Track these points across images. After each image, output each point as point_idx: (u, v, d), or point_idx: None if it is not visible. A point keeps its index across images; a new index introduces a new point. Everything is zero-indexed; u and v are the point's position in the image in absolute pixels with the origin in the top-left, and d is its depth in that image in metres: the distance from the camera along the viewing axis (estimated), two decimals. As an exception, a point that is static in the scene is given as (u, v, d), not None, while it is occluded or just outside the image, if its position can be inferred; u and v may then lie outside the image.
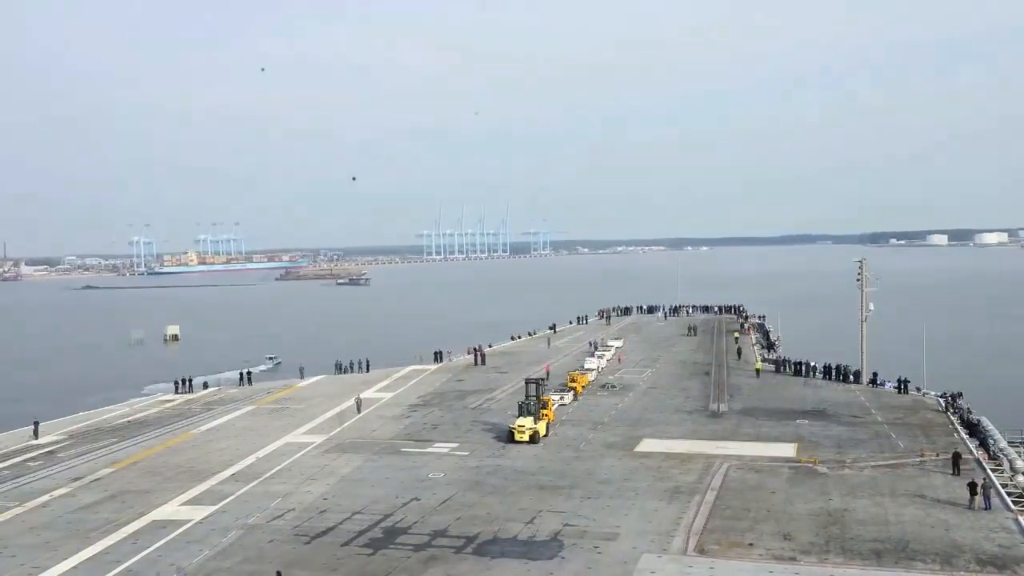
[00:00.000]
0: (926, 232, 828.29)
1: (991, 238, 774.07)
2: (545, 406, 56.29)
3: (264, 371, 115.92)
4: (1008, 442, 48.88)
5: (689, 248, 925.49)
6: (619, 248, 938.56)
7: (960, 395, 60.00)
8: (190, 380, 78.12)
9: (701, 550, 33.95)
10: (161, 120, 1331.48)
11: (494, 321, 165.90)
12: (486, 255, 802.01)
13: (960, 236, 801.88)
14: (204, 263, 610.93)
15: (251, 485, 44.72)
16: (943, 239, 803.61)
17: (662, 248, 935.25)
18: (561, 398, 64.65)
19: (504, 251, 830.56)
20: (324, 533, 36.92)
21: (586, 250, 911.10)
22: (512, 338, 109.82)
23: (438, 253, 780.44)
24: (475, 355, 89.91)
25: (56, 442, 56.50)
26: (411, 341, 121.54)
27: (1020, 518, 36.64)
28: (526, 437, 52.49)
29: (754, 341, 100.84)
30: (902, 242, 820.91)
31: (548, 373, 75.12)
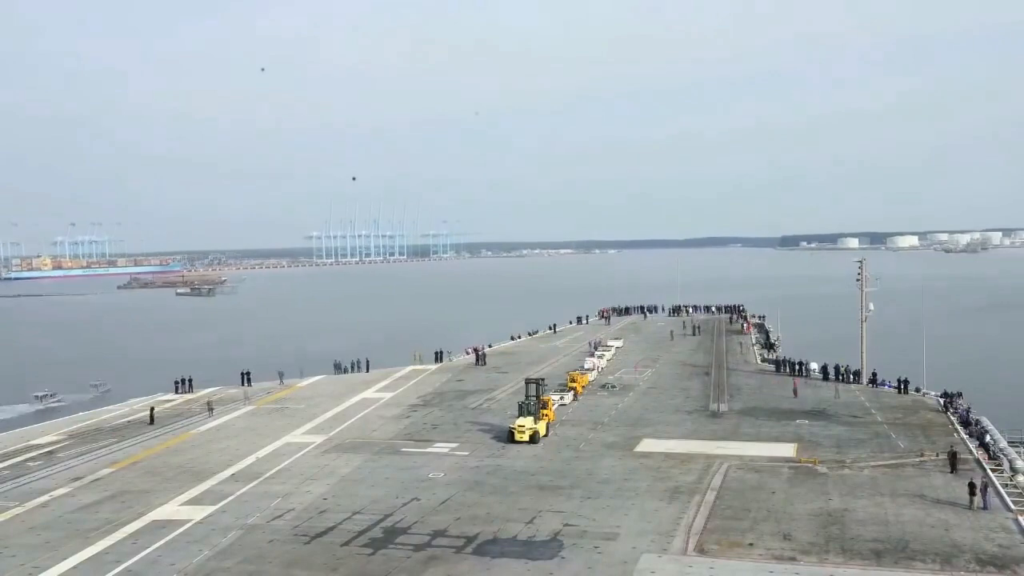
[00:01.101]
0: (838, 235, 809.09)
1: (904, 241, 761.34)
2: (545, 406, 56.31)
3: (87, 399, 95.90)
4: (1008, 442, 48.92)
5: (597, 251, 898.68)
6: (525, 251, 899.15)
7: (960, 395, 60.02)
8: (190, 380, 78.06)
9: (701, 550, 33.95)
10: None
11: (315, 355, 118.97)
12: (382, 259, 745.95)
13: (873, 240, 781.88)
14: (60, 268, 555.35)
15: (251, 485, 44.73)
16: (855, 242, 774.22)
17: (570, 251, 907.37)
18: (561, 398, 64.64)
19: (402, 254, 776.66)
20: (324, 533, 36.92)
21: (490, 253, 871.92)
22: (512, 338, 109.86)
23: (329, 256, 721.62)
24: (475, 355, 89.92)
25: (56, 442, 56.49)
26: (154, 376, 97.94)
27: (1020, 518, 36.65)
28: (526, 437, 52.49)
29: (754, 341, 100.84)
30: (814, 245, 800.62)
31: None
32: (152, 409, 65.15)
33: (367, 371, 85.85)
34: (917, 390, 67.26)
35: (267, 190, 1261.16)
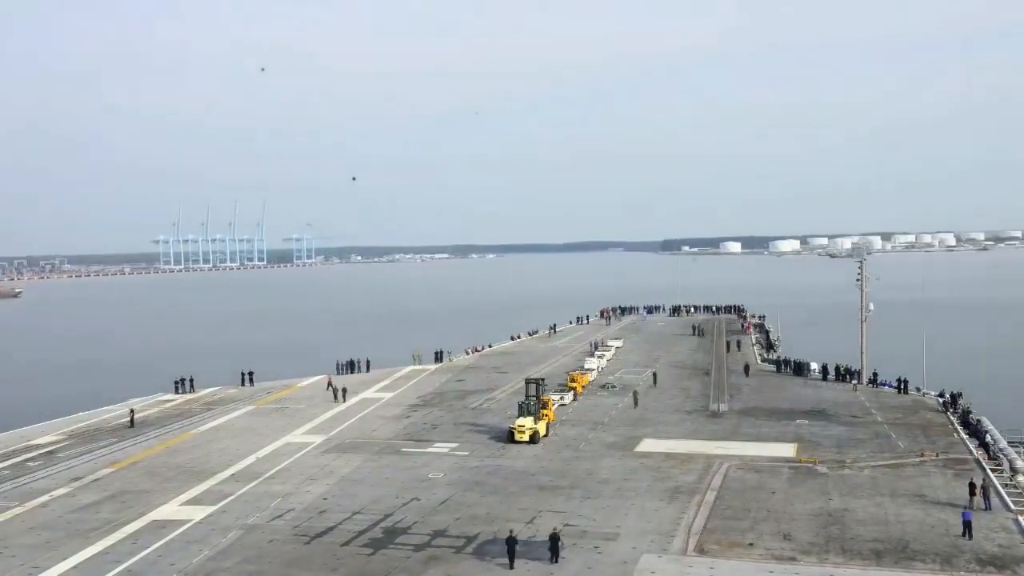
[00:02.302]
0: (720, 239, 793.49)
1: (785, 246, 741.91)
2: (545, 406, 56.31)
3: None
4: (1008, 442, 48.91)
5: (475, 256, 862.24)
6: (399, 256, 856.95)
7: (960, 395, 60.03)
8: (191, 380, 78.04)
9: (701, 550, 33.94)
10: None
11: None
12: (238, 265, 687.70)
13: (754, 244, 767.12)
14: None
15: (251, 485, 44.72)
16: (737, 247, 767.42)
17: (446, 256, 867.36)
18: (561, 398, 64.63)
19: (261, 260, 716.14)
20: (324, 533, 36.91)
21: (360, 258, 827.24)
22: (512, 338, 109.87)
23: (179, 262, 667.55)
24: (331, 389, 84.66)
25: (56, 442, 56.48)
26: None
27: (1020, 518, 36.65)
28: (526, 437, 52.48)
29: (754, 341, 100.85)
30: (695, 250, 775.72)
31: None
32: (132, 412, 63.01)
33: (367, 371, 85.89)
34: (917, 390, 67.29)
35: (115, 190, 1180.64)
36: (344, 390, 68.70)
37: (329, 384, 71.96)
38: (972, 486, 38.79)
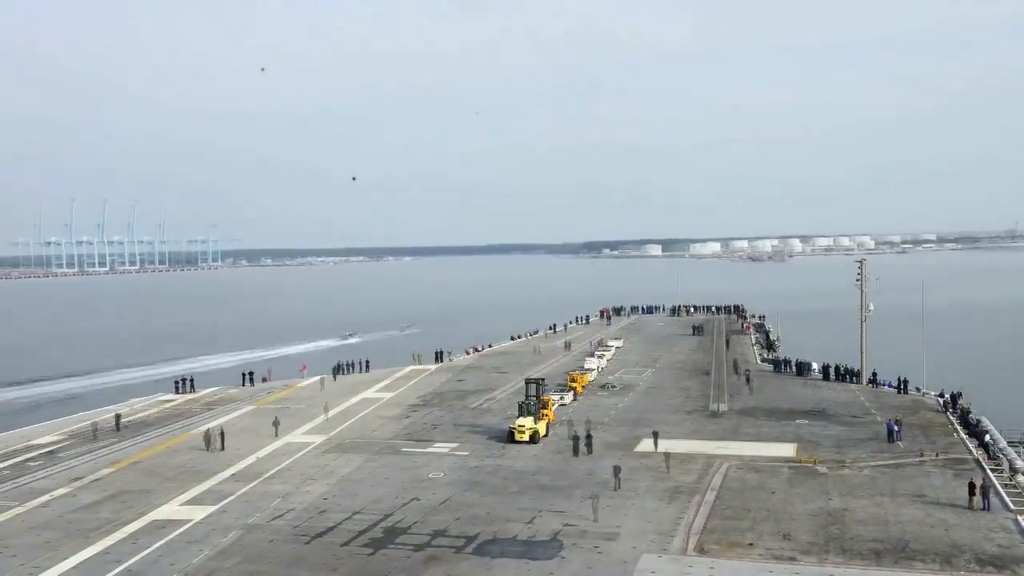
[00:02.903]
0: (640, 242, 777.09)
1: (706, 249, 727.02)
2: (545, 406, 56.32)
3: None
4: (1008, 442, 48.96)
5: (391, 258, 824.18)
6: (312, 259, 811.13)
7: (960, 395, 60.05)
8: (191, 380, 78.09)
9: (701, 550, 33.96)
10: None
11: None
12: (137, 268, 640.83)
13: (674, 246, 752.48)
14: None
15: (251, 485, 44.73)
16: (657, 249, 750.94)
17: (361, 259, 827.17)
18: (561, 398, 64.64)
19: (162, 263, 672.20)
20: (324, 533, 36.92)
21: (271, 261, 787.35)
22: (512, 338, 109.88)
23: (72, 265, 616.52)
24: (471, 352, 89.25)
25: (56, 442, 56.48)
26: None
27: (1020, 518, 36.65)
28: (526, 437, 52.50)
29: (753, 341, 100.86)
30: (616, 252, 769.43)
31: None
32: (118, 417, 61.17)
33: (367, 371, 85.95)
34: (917, 390, 67.30)
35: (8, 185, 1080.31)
36: (222, 436, 53.88)
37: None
38: (972, 486, 38.82)
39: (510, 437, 52.93)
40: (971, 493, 38.50)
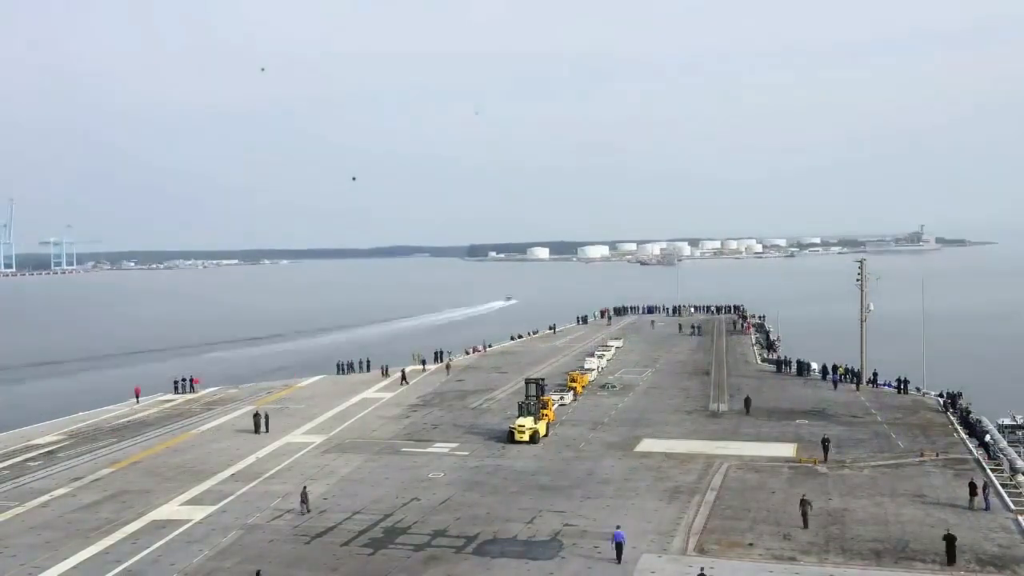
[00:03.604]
0: (527, 245, 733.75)
1: (594, 252, 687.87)
2: (545, 406, 56.31)
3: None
4: (999, 425, 48.93)
5: (267, 262, 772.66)
6: (178, 262, 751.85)
7: (960, 395, 60.05)
8: (191, 380, 78.03)
9: (701, 550, 33.96)
10: None
11: None
12: None
13: (562, 249, 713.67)
14: None
15: (251, 485, 44.73)
16: (544, 252, 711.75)
17: (236, 262, 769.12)
18: (561, 398, 64.62)
19: (8, 266, 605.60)
20: (324, 533, 36.92)
21: (134, 264, 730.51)
22: (512, 338, 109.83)
23: None
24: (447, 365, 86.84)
25: (56, 442, 56.47)
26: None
27: (1020, 518, 36.65)
28: (526, 437, 52.48)
29: (753, 341, 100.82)
30: (502, 255, 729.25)
31: None
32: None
33: (367, 371, 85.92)
34: (917, 390, 67.28)
35: None
36: (267, 418, 58.72)
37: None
38: (972, 486, 38.80)
39: (510, 437, 52.91)
40: (972, 493, 38.48)
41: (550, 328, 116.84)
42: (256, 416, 58.70)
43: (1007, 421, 54.84)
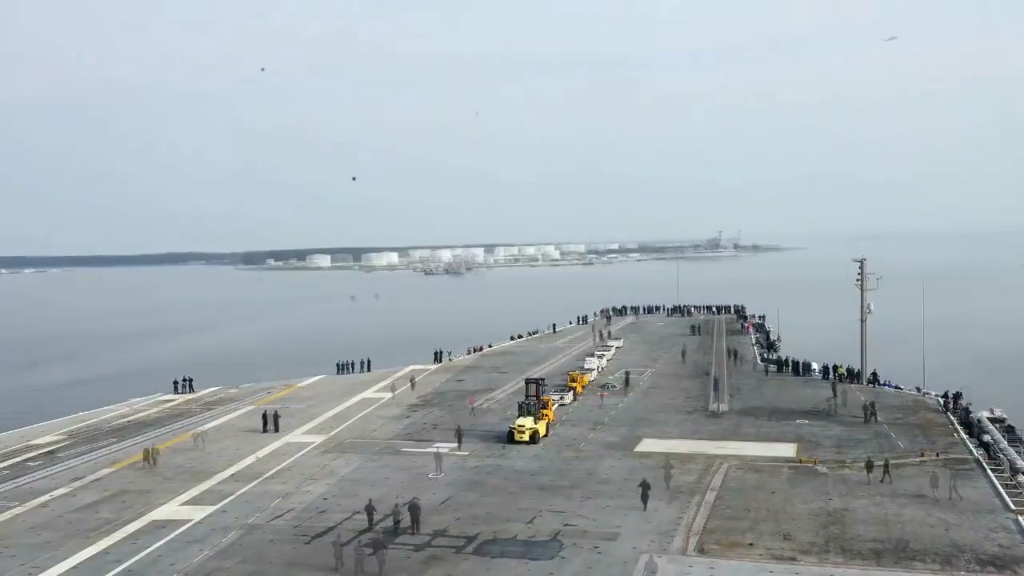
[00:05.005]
0: (308, 251, 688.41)
1: (382, 259, 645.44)
2: (545, 406, 56.29)
3: None
4: (988, 417, 49.07)
5: (29, 271, 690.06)
6: None
7: (960, 395, 60.03)
8: (191, 380, 78.06)
9: (701, 550, 33.96)
10: None
11: None
12: None
13: (348, 256, 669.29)
14: None
15: (251, 485, 44.72)
16: (326, 260, 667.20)
17: None
18: (561, 398, 64.60)
19: None
20: (324, 533, 36.90)
21: None
22: (512, 338, 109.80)
23: None
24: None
25: (56, 442, 56.47)
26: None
27: (1020, 518, 36.64)
28: (526, 437, 52.47)
29: (754, 341, 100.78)
30: (280, 263, 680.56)
31: (473, 407, 63.31)
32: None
33: (367, 371, 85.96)
34: (918, 390, 67.29)
35: None
36: (275, 417, 58.79)
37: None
38: (869, 464, 42.81)
39: (510, 437, 52.90)
40: (868, 470, 42.56)
41: (550, 328, 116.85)
42: (264, 415, 58.93)
43: (986, 415, 54.95)
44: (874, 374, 71.64)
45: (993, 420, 53.59)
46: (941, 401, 61.35)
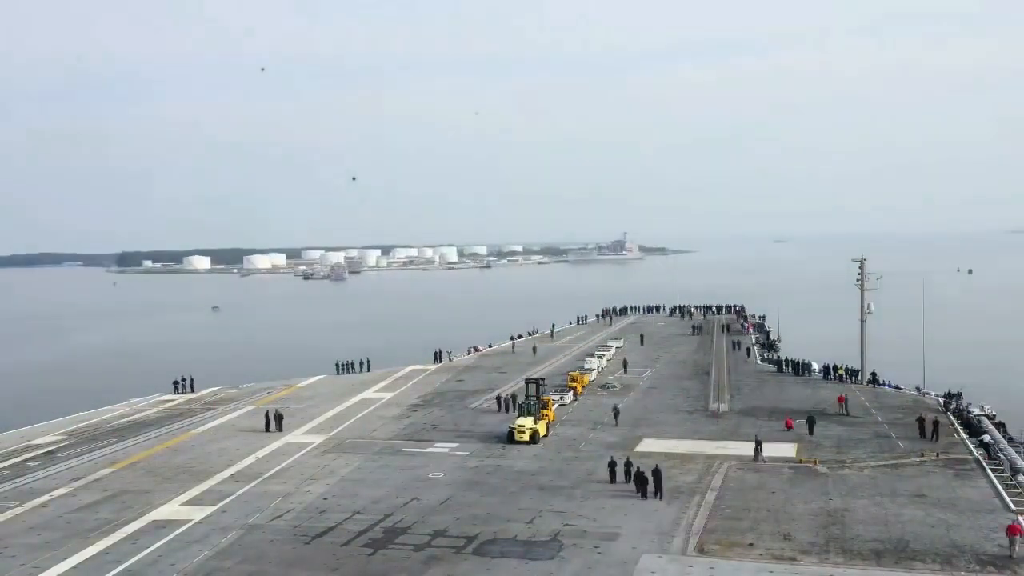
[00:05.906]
0: (184, 253, 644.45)
1: (264, 261, 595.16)
2: (545, 406, 56.30)
3: None
4: (979, 415, 49.09)
5: None
6: None
7: (960, 395, 60.03)
8: (191, 380, 78.04)
9: (701, 550, 33.94)
10: None
11: None
12: None
13: (229, 258, 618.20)
14: None
15: (251, 485, 44.71)
16: (206, 262, 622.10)
17: None
18: (561, 398, 64.60)
19: None
20: (324, 533, 36.90)
21: None
22: (512, 338, 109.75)
23: None
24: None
25: (56, 442, 56.46)
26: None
27: (1020, 518, 36.59)
28: (526, 437, 52.47)
29: (754, 341, 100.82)
30: (158, 265, 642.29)
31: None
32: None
33: (367, 371, 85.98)
34: (918, 390, 67.28)
35: None
36: (278, 417, 58.71)
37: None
38: (758, 443, 46.88)
39: (510, 437, 52.90)
40: (757, 448, 46.51)
41: (550, 329, 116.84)
42: (267, 415, 58.91)
43: (976, 412, 55.05)
44: (873, 374, 71.61)
45: (983, 417, 53.74)
46: (941, 401, 61.37)
